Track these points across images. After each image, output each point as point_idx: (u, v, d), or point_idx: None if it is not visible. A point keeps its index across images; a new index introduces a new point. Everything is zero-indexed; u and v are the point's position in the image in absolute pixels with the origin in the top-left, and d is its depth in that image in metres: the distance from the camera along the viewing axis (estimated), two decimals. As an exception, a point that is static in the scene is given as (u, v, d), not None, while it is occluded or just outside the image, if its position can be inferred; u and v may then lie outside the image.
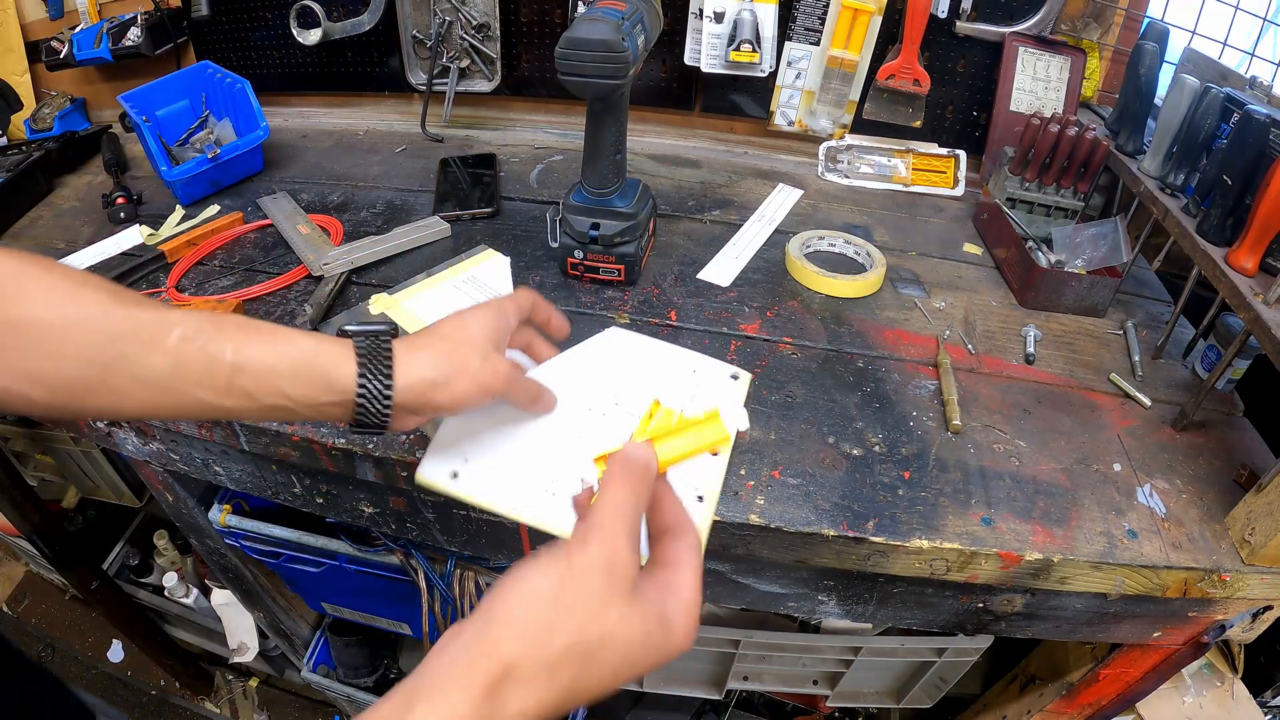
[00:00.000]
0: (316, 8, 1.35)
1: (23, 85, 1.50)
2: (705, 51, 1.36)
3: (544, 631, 0.44)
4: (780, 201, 1.35)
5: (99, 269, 1.11)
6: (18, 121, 1.47)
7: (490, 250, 1.15)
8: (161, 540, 1.72)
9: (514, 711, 0.43)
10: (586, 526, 0.48)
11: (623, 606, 0.46)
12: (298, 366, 0.59)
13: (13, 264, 0.54)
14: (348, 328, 0.64)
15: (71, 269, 0.58)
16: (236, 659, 1.70)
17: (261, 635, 1.69)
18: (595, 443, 0.71)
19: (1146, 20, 1.29)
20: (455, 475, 0.74)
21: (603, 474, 0.52)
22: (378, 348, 0.61)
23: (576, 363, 0.85)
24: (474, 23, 1.42)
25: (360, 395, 0.60)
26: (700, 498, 0.75)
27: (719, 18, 1.33)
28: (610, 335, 0.87)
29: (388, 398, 0.60)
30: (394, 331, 0.65)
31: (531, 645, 0.44)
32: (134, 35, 1.43)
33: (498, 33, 1.43)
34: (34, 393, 0.54)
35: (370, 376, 0.60)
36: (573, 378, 0.83)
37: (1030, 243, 1.19)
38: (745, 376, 0.85)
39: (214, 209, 1.24)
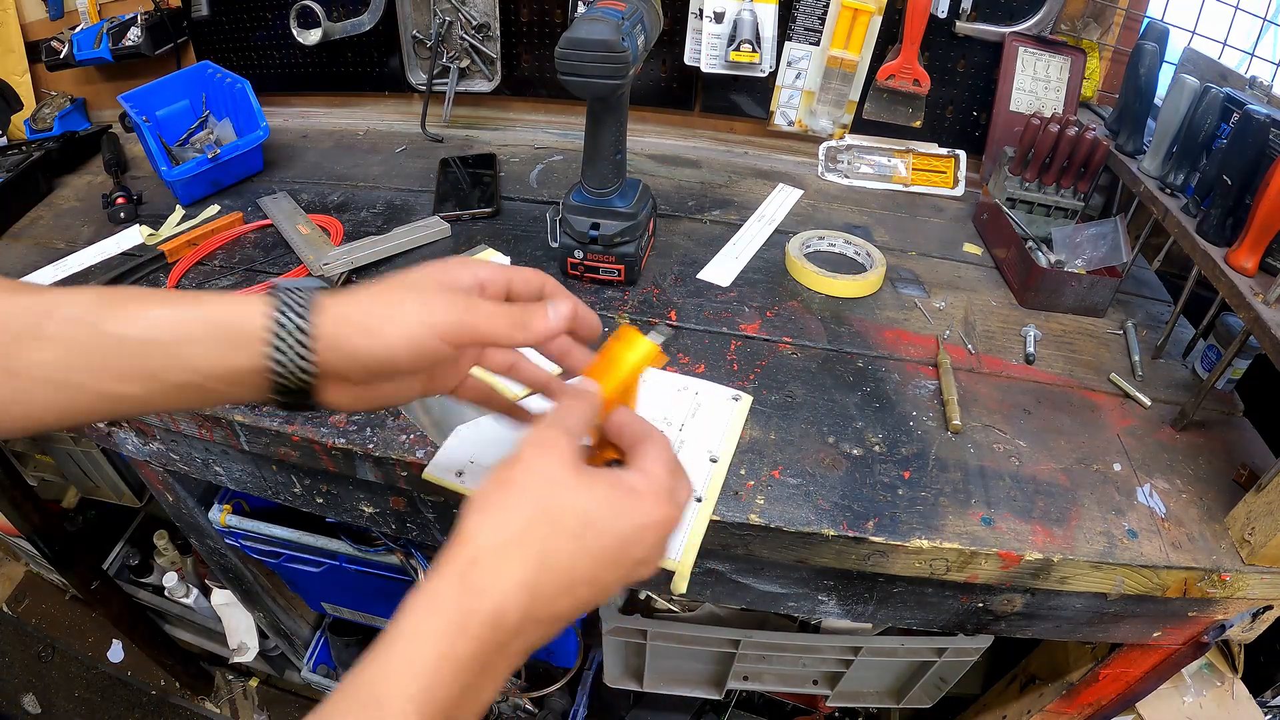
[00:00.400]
0: (316, 8, 1.35)
1: (23, 85, 1.50)
2: (705, 51, 1.36)
3: (501, 510, 0.46)
4: (780, 201, 1.35)
5: (99, 269, 1.11)
6: (18, 121, 1.47)
7: (490, 250, 1.15)
8: (161, 540, 1.72)
9: (491, 588, 0.43)
10: (524, 436, 0.49)
11: (575, 476, 0.47)
12: (206, 328, 0.49)
13: None
14: (276, 281, 0.56)
15: None
16: (237, 659, 1.70)
17: (262, 635, 1.69)
18: None
19: (1146, 20, 1.29)
20: (461, 474, 0.76)
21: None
22: (296, 294, 0.51)
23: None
24: (474, 23, 1.42)
25: (274, 347, 0.49)
26: (699, 499, 0.76)
27: (719, 18, 1.33)
28: None
29: (304, 344, 0.50)
30: (328, 287, 0.57)
31: (493, 524, 0.45)
32: (134, 35, 1.43)
33: (498, 33, 1.43)
34: None
35: (284, 318, 0.49)
36: None
37: (1030, 243, 1.19)
38: (746, 399, 0.90)
39: (214, 209, 1.24)
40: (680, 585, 0.74)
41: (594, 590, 0.47)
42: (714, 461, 0.82)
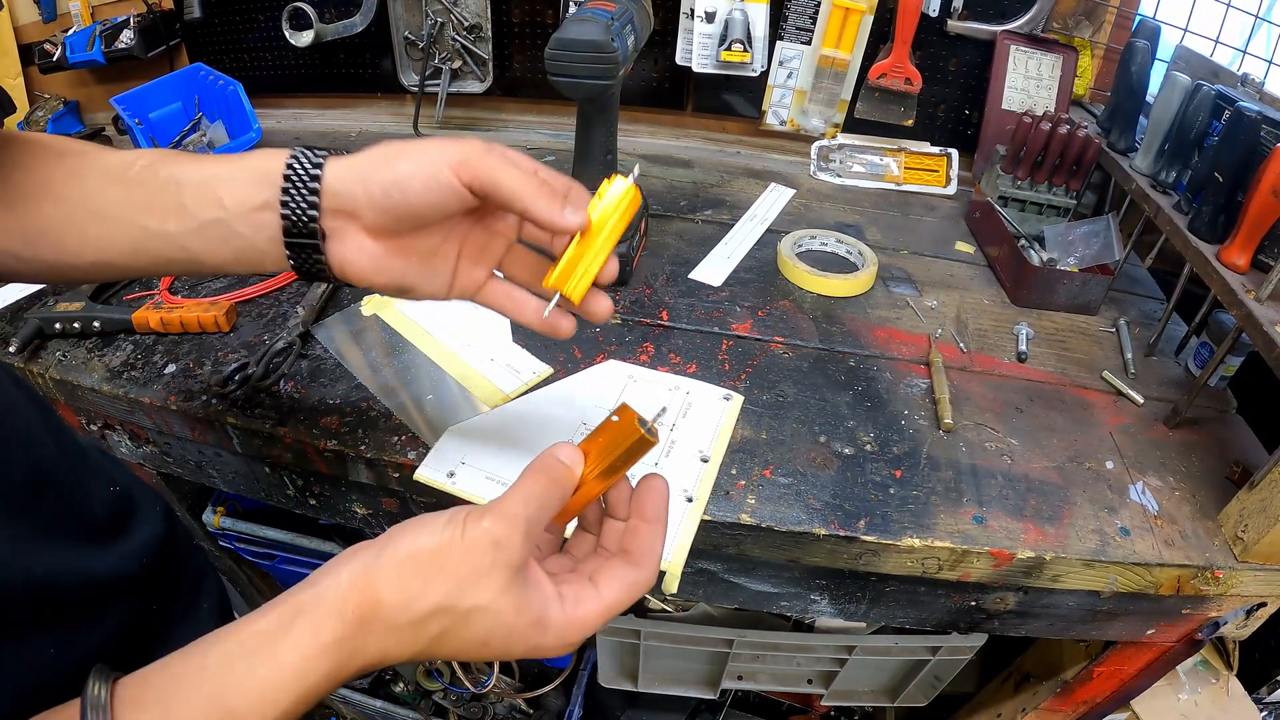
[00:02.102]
0: (308, 9, 1.35)
1: (16, 88, 1.50)
2: (696, 51, 1.36)
3: (420, 586, 0.45)
4: (772, 201, 1.35)
5: (91, 272, 1.10)
6: (11, 125, 1.45)
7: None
8: (157, 543, 1.72)
9: (373, 650, 0.44)
10: (489, 506, 0.47)
11: (500, 585, 0.45)
12: (235, 168, 0.56)
13: (8, 134, 0.58)
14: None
15: (51, 135, 0.62)
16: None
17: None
18: None
19: (1138, 18, 1.29)
20: (452, 475, 0.76)
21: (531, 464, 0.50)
22: (312, 149, 0.57)
23: (574, 388, 0.88)
24: (466, 24, 1.42)
25: (287, 178, 0.54)
26: (690, 499, 0.76)
27: (710, 17, 1.33)
28: (608, 366, 0.93)
29: (316, 177, 0.54)
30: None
31: (405, 597, 0.44)
32: (127, 38, 1.42)
33: (489, 34, 1.43)
34: (24, 250, 0.57)
35: (299, 160, 0.55)
36: (570, 400, 0.88)
37: (1022, 241, 1.19)
38: (737, 398, 0.90)
39: (206, 211, 1.24)
40: (671, 585, 0.74)
41: (455, 656, 0.48)
42: (705, 461, 0.82)
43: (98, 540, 0.57)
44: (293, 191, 0.54)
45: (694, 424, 0.86)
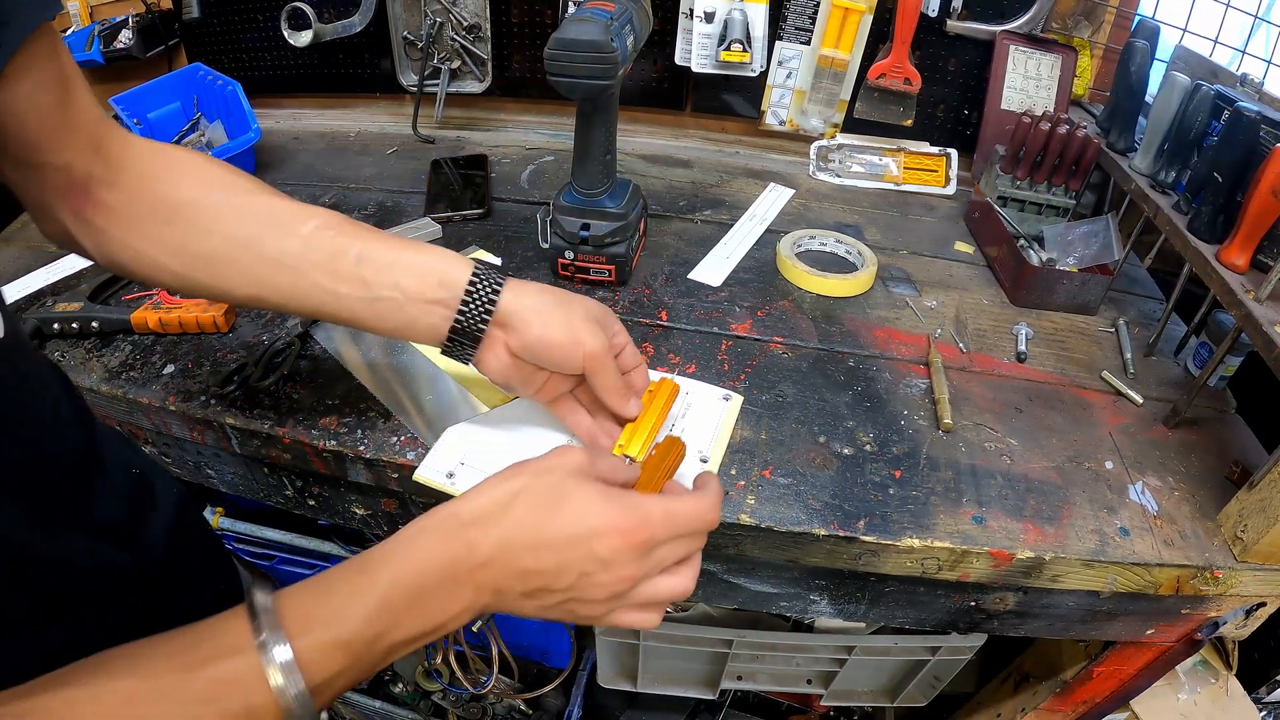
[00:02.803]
0: (307, 9, 1.35)
1: (13, 88, 1.49)
2: (696, 51, 1.36)
3: (499, 483, 0.55)
4: (771, 201, 1.35)
5: (91, 272, 1.10)
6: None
7: (482, 251, 1.15)
8: (155, 544, 1.72)
9: (480, 539, 0.52)
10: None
11: (577, 475, 0.56)
12: (417, 263, 0.66)
13: (176, 154, 0.65)
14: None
15: (226, 164, 0.67)
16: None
17: (256, 638, 1.69)
18: None
19: (1137, 18, 1.29)
20: (451, 476, 0.76)
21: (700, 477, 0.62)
22: (491, 271, 0.68)
23: None
24: (465, 24, 1.41)
25: (469, 293, 0.66)
26: None
27: (709, 17, 1.33)
28: None
29: (493, 301, 0.66)
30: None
31: (489, 492, 0.54)
32: (125, 38, 1.42)
33: (488, 34, 1.43)
34: (176, 265, 0.63)
35: (482, 281, 0.66)
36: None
37: (1022, 241, 1.19)
38: (736, 399, 0.90)
39: (205, 211, 1.24)
40: None
41: (557, 559, 0.52)
42: (704, 462, 0.81)
43: (115, 526, 0.58)
44: (472, 306, 0.66)
45: (693, 424, 0.85)
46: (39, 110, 0.55)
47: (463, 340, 0.68)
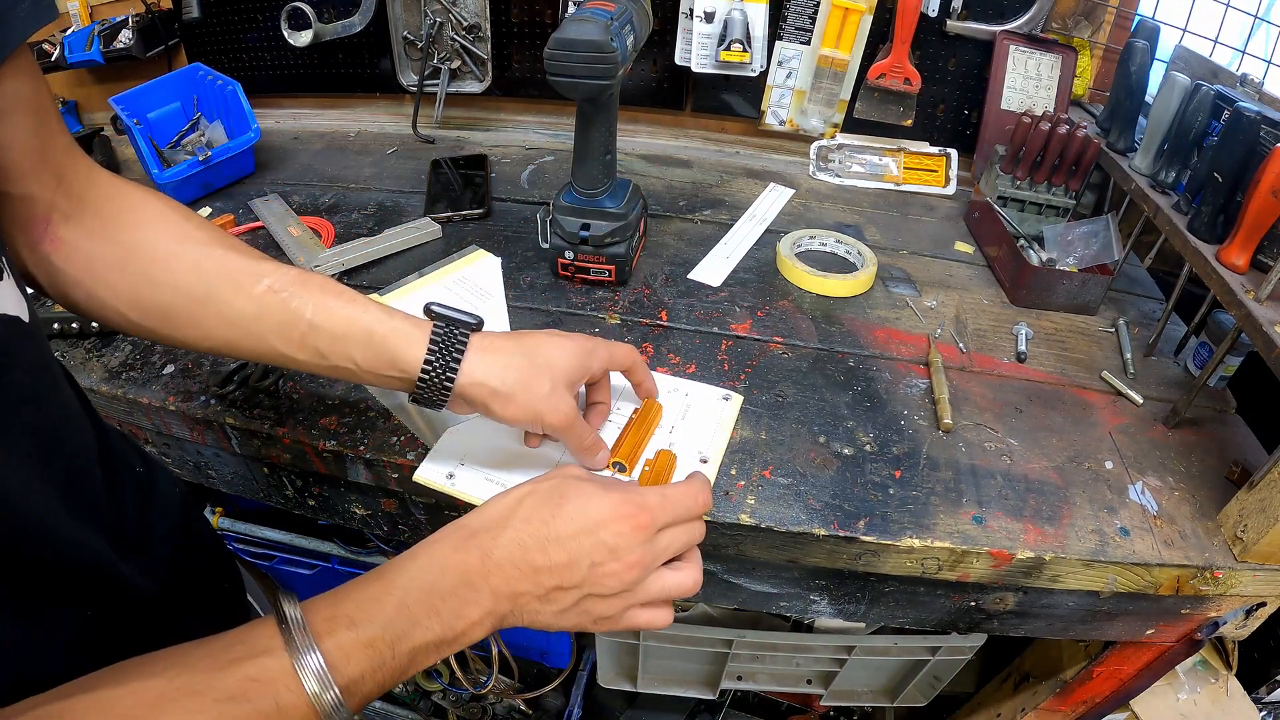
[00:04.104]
0: (307, 9, 1.35)
1: (13, 88, 1.49)
2: (696, 51, 1.36)
3: (503, 499, 0.57)
4: (771, 201, 1.34)
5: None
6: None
7: (481, 251, 1.14)
8: (155, 544, 1.72)
9: (490, 545, 0.53)
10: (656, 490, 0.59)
11: (579, 478, 0.57)
12: (370, 338, 0.63)
13: (136, 195, 0.62)
14: (434, 307, 0.67)
15: (184, 209, 0.64)
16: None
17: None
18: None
19: (1137, 18, 1.29)
20: (451, 476, 0.76)
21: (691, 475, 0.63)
22: (452, 338, 0.64)
23: None
24: (465, 24, 1.41)
25: (422, 379, 0.64)
26: None
27: (709, 17, 1.33)
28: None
29: (447, 389, 0.64)
30: (478, 324, 0.67)
31: (498, 506, 0.56)
32: (125, 38, 1.42)
33: (488, 34, 1.43)
34: (131, 313, 0.61)
35: (436, 367, 0.63)
36: None
37: (1022, 241, 1.19)
38: (736, 399, 0.88)
39: (206, 211, 1.24)
40: None
41: (567, 553, 0.53)
42: (704, 462, 0.81)
43: (125, 521, 0.59)
44: (428, 384, 0.64)
45: (693, 425, 0.85)
46: (14, 136, 0.52)
47: (428, 403, 0.67)
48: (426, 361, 0.63)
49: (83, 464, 0.54)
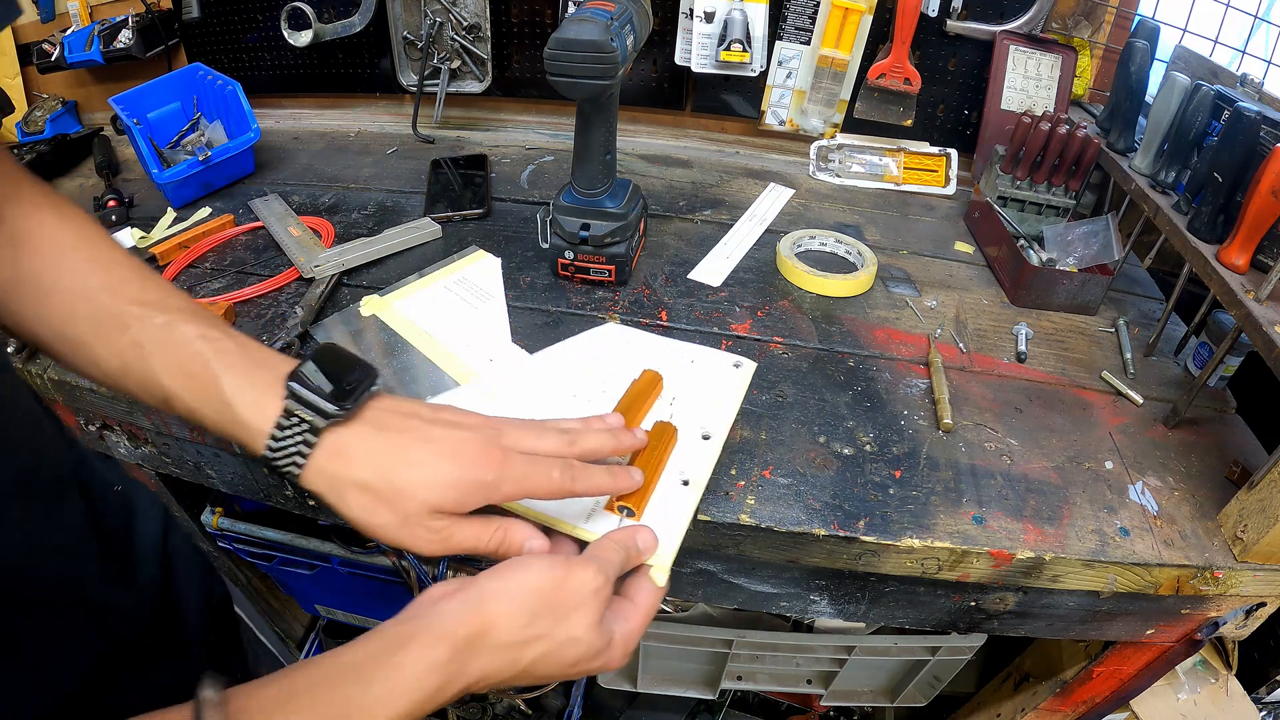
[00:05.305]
0: (307, 9, 1.35)
1: (14, 88, 1.49)
2: (696, 51, 1.36)
3: (528, 614, 0.51)
4: (771, 201, 1.34)
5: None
6: (10, 124, 1.46)
7: (481, 251, 1.15)
8: (155, 544, 1.72)
9: (476, 670, 0.49)
10: (594, 555, 0.57)
11: (591, 620, 0.53)
12: (220, 421, 0.55)
13: (49, 218, 0.58)
14: (295, 383, 0.54)
15: (98, 236, 0.59)
16: (231, 662, 1.69)
17: (256, 638, 1.69)
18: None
19: (1137, 18, 1.29)
20: None
21: (621, 527, 0.64)
22: (300, 435, 0.53)
23: (570, 354, 0.84)
24: (465, 24, 1.41)
25: (268, 463, 0.54)
26: (685, 482, 0.73)
27: (709, 17, 1.33)
28: (607, 330, 0.86)
29: (294, 476, 0.54)
30: (364, 383, 0.57)
31: (514, 621, 0.50)
32: (125, 38, 1.42)
33: (488, 34, 1.43)
34: (41, 334, 0.57)
35: (278, 458, 0.54)
36: (564, 368, 0.83)
37: (1022, 241, 1.19)
38: (748, 365, 0.84)
39: (205, 211, 1.24)
40: (659, 577, 0.63)
41: (538, 679, 0.53)
42: (707, 439, 0.76)
43: (111, 540, 0.58)
44: (279, 475, 0.55)
45: (696, 396, 0.78)
46: None
47: None
48: (269, 449, 0.53)
49: (61, 493, 0.53)
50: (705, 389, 0.78)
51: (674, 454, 0.74)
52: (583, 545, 0.62)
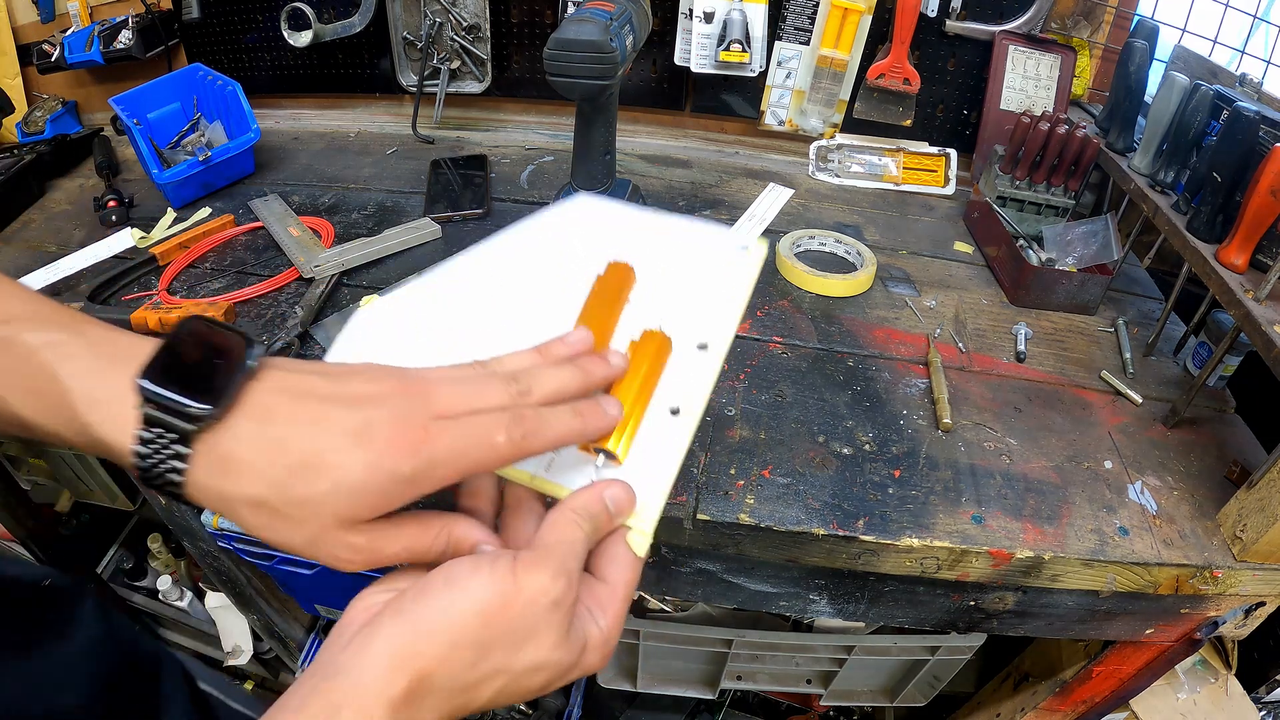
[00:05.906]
0: (307, 10, 1.35)
1: (14, 88, 1.50)
2: (695, 51, 1.36)
3: (474, 649, 0.41)
4: (771, 201, 1.35)
5: (90, 272, 1.10)
6: (10, 125, 1.46)
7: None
8: (155, 544, 1.72)
9: (428, 719, 0.40)
10: (543, 553, 0.43)
11: (556, 639, 0.42)
12: (82, 442, 0.43)
13: None
14: (145, 383, 0.41)
15: None
16: (231, 662, 1.69)
17: (256, 638, 1.69)
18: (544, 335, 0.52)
19: (1137, 18, 1.29)
20: None
21: (584, 488, 0.47)
22: (169, 446, 0.41)
23: (528, 239, 0.64)
24: (464, 24, 1.41)
25: (144, 476, 0.42)
26: (675, 410, 0.53)
27: (709, 18, 1.33)
28: (578, 202, 0.64)
29: (176, 485, 0.42)
30: (235, 363, 0.42)
31: (459, 659, 0.40)
32: (125, 38, 1.42)
33: (488, 34, 1.43)
34: None
35: (155, 480, 0.42)
36: (519, 259, 0.63)
37: (1021, 241, 1.19)
38: (758, 249, 0.60)
39: (205, 211, 1.24)
40: (641, 545, 0.49)
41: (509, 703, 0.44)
42: (703, 349, 0.56)
43: (38, 647, 0.53)
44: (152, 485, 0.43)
45: (689, 294, 0.58)
46: None
47: None
48: (137, 467, 0.41)
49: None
50: (701, 283, 0.58)
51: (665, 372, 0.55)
52: (551, 503, 0.48)
